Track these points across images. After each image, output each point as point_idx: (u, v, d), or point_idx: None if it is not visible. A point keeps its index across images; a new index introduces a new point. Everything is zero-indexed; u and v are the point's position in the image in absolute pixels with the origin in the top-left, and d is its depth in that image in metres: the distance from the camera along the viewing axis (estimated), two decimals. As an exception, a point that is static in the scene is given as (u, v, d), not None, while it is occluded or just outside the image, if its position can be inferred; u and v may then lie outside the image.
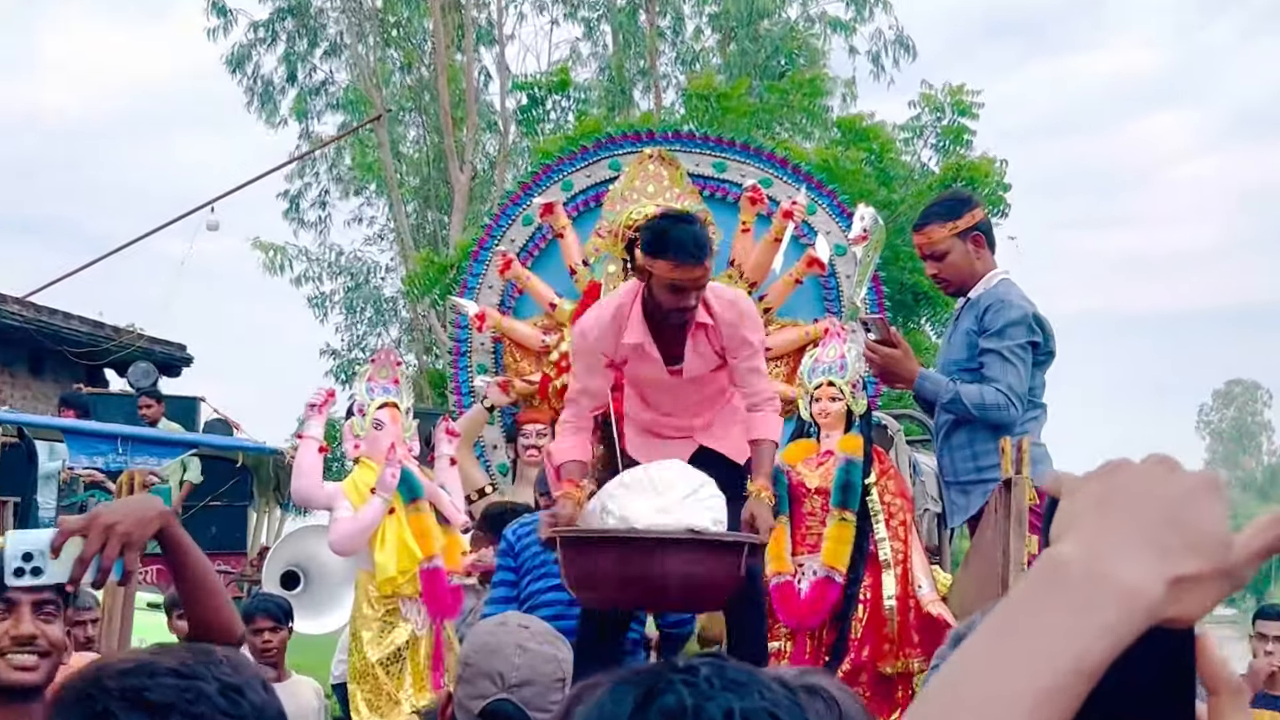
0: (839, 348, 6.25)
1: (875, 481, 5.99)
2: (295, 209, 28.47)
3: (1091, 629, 0.90)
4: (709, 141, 8.13)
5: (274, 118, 27.22)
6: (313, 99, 27.49)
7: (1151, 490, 0.97)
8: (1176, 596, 0.93)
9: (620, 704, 1.18)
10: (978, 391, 5.29)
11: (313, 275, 28.15)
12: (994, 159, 18.43)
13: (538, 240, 7.91)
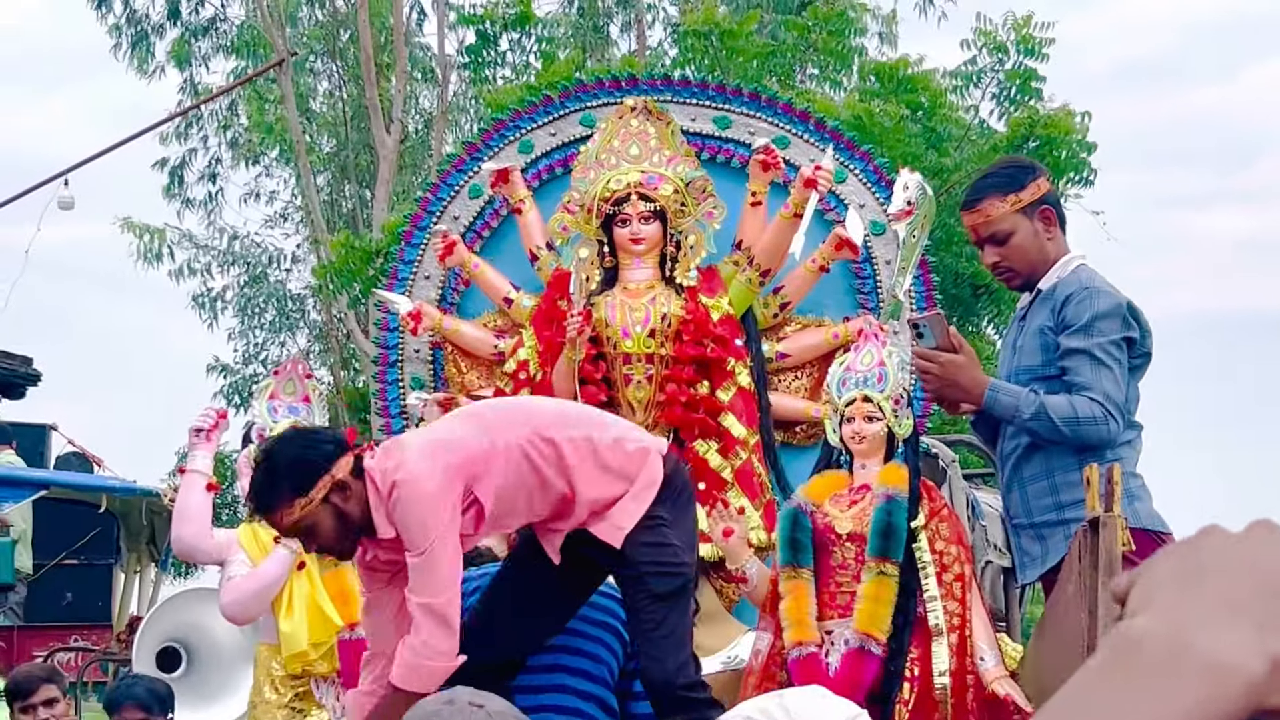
0: (877, 353, 6.27)
1: (924, 525, 6.01)
2: (176, 183, 28.45)
3: (1178, 710, 0.91)
4: (708, 90, 8.10)
5: (147, 64, 27.27)
6: (198, 41, 27.53)
7: (1250, 556, 0.98)
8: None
9: None
10: (1067, 403, 5.31)
11: (199, 266, 28.18)
12: (1074, 112, 18.47)
13: (488, 217, 7.91)
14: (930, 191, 7.13)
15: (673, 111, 7.58)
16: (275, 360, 25.14)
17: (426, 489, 4.91)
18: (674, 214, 7.10)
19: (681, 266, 7.12)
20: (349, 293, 20.15)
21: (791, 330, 7.54)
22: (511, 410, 5.49)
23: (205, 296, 28.31)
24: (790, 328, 7.55)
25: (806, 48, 20.15)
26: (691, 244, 7.15)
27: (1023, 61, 18.87)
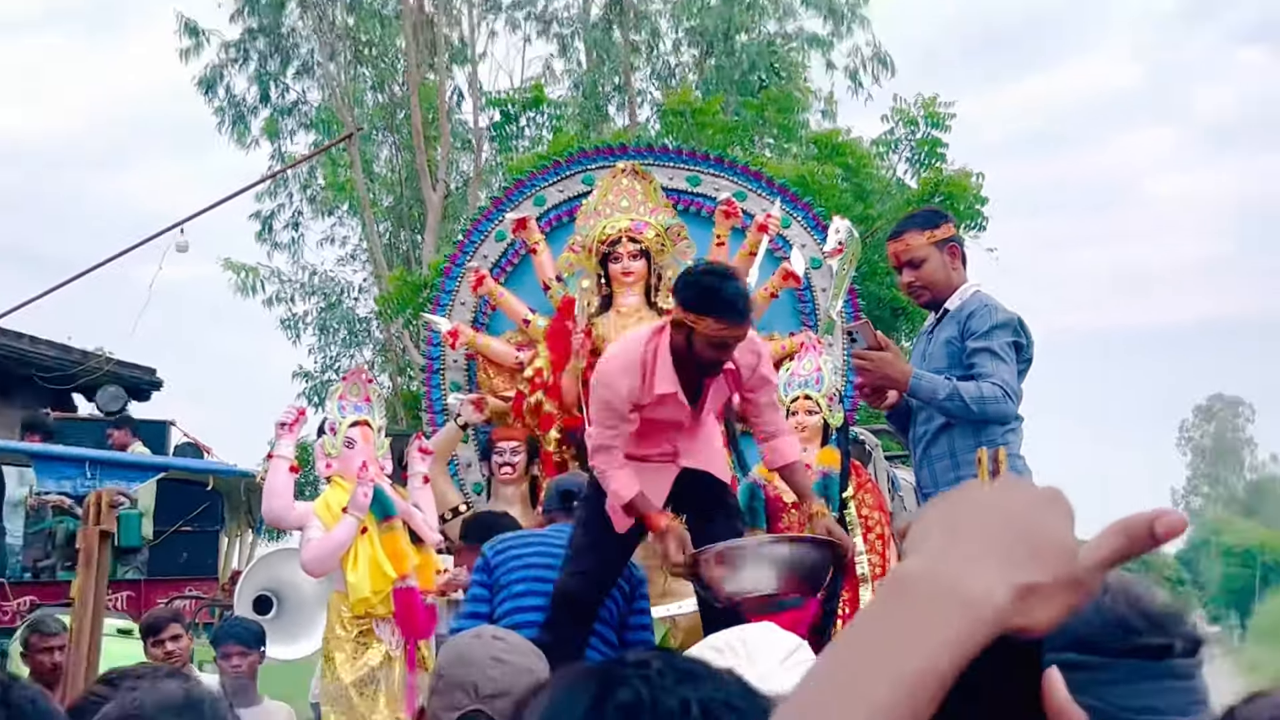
0: (815, 360, 6.28)
1: (853, 495, 6.01)
2: (267, 230, 28.42)
3: (936, 640, 0.90)
4: (683, 155, 8.14)
5: (245, 138, 27.27)
6: (284, 119, 27.52)
7: (996, 505, 0.97)
8: (1023, 607, 0.92)
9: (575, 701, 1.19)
10: (975, 386, 5.31)
11: (285, 296, 28.13)
12: (971, 173, 18.49)
13: (511, 256, 7.90)
14: (857, 234, 7.12)
15: (655, 172, 7.57)
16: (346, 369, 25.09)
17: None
18: (656, 253, 7.09)
19: (662, 294, 7.09)
20: (403, 316, 20.17)
21: (748, 343, 7.52)
22: None
23: (290, 320, 28.26)
24: (747, 341, 7.52)
25: (761, 123, 20.18)
26: (670, 276, 7.12)
27: (930, 132, 18.89)
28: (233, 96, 27.06)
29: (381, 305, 21.23)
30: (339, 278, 28.75)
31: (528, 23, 27.09)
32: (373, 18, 26.85)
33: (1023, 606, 0.93)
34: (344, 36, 26.70)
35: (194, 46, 26.50)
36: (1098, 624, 1.43)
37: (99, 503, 4.46)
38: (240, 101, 27.14)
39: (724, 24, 24.06)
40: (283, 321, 28.19)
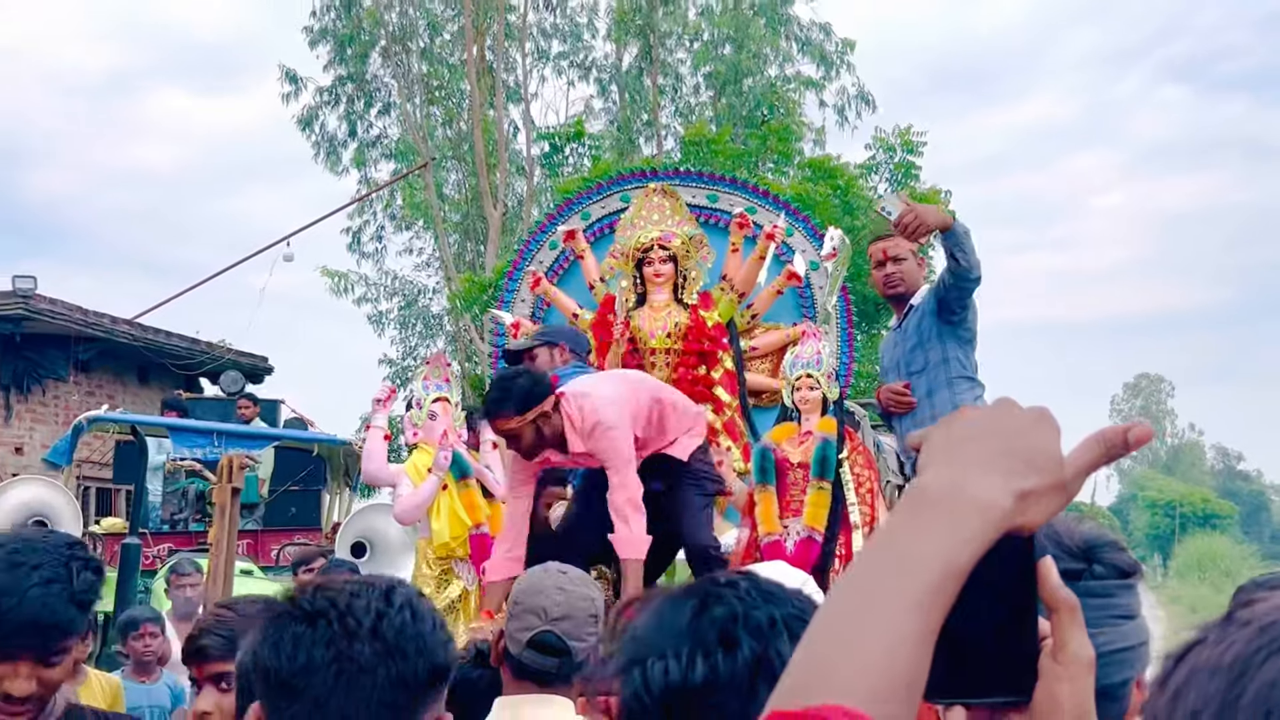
0: (815, 345, 6.26)
1: (847, 456, 5.99)
2: (356, 242, 28.52)
3: (955, 538, 0.91)
4: (703, 177, 8.12)
5: (337, 167, 27.34)
6: (369, 150, 27.58)
7: (995, 424, 0.98)
8: (1021, 508, 0.94)
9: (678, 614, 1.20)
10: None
11: (371, 297, 28.26)
12: (939, 190, 18.44)
13: (562, 261, 7.88)
14: (847, 241, 7.14)
15: (680, 191, 7.53)
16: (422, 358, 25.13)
17: (620, 431, 5.02)
18: (682, 258, 7.06)
19: (687, 292, 7.06)
20: (470, 313, 20.16)
21: (759, 333, 7.48)
22: (637, 381, 5.53)
23: (376, 317, 28.35)
24: (758, 331, 7.48)
25: (764, 150, 20.12)
26: (694, 277, 7.11)
27: (905, 157, 18.83)
28: (326, 132, 27.14)
29: (452, 304, 21.25)
30: (416, 281, 28.88)
31: (571, 69, 27.08)
32: (442, 65, 26.87)
33: (1021, 508, 0.94)
34: (418, 81, 26.70)
35: (294, 91, 26.61)
36: None
37: (230, 464, 4.48)
38: (333, 136, 27.21)
39: (734, 70, 24.01)
40: (369, 318, 28.33)
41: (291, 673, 1.51)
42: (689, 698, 1.17)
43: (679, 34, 25.76)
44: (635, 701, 1.19)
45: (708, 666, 1.17)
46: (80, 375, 17.53)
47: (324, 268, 27.47)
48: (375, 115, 27.43)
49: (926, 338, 5.58)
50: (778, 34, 24.93)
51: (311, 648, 1.52)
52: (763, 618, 1.20)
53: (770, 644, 1.18)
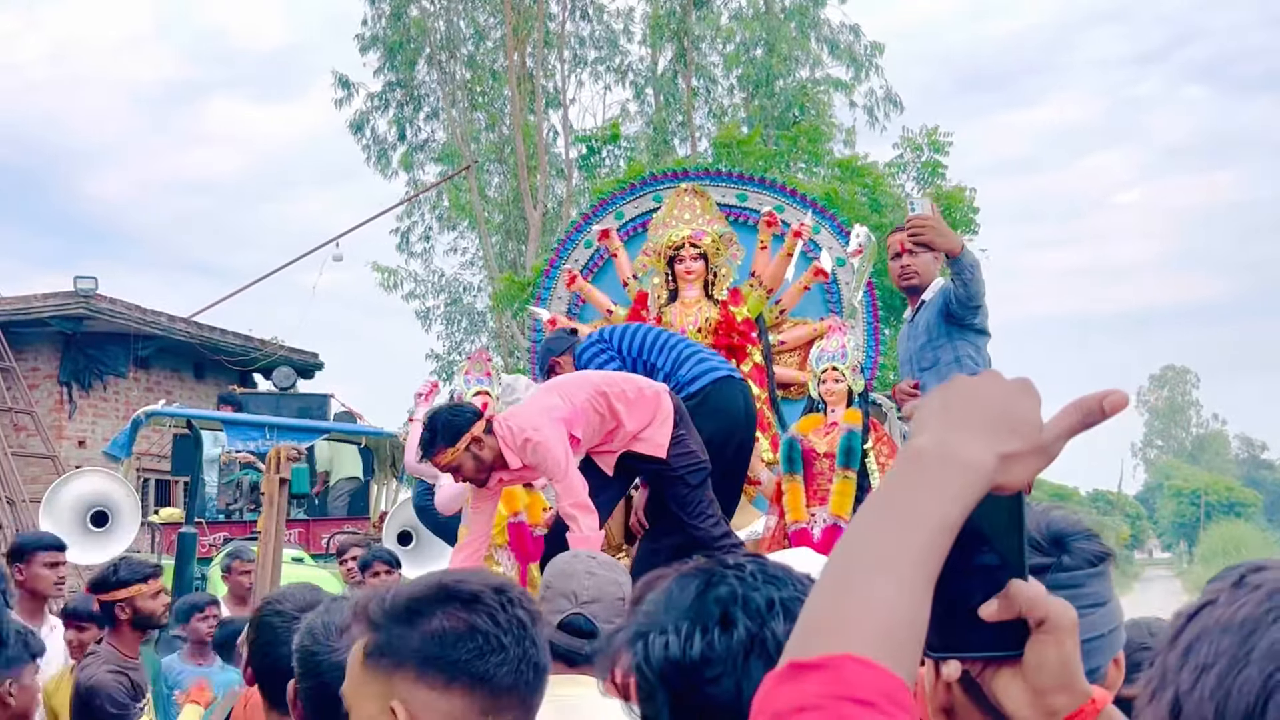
0: (840, 339, 6.25)
1: (871, 446, 6.00)
2: (405, 242, 28.65)
3: (947, 495, 0.94)
4: (733, 177, 8.12)
5: (387, 170, 27.50)
6: (417, 154, 27.72)
7: (982, 393, 1.01)
8: (1005, 469, 0.97)
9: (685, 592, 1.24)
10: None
11: (419, 294, 28.38)
12: (965, 188, 18.36)
13: (596, 259, 7.90)
14: (874, 238, 7.13)
15: (710, 191, 7.54)
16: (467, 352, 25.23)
17: (551, 440, 4.95)
18: (712, 255, 7.06)
19: (717, 288, 7.06)
20: (511, 309, 20.23)
21: (787, 327, 7.47)
22: (576, 381, 5.39)
23: (423, 313, 28.49)
24: (786, 325, 7.47)
25: (795, 150, 20.08)
26: (724, 274, 7.11)
27: (932, 156, 18.77)
28: (376, 136, 27.30)
29: (495, 301, 21.35)
30: (461, 279, 28.98)
31: (608, 74, 27.09)
32: (485, 71, 26.97)
33: (1004, 468, 0.98)
34: (462, 88, 26.84)
35: (346, 97, 26.78)
36: None
37: (278, 456, 4.53)
38: (383, 140, 27.37)
39: (766, 72, 23.95)
40: (417, 314, 28.46)
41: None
42: (685, 671, 1.20)
43: (712, 37, 25.72)
44: (639, 673, 1.22)
45: (704, 643, 1.20)
46: (139, 371, 17.73)
47: (375, 263, 27.69)
48: (423, 120, 27.56)
49: (936, 335, 5.55)
50: (808, 37, 24.85)
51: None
52: (761, 599, 1.22)
53: (766, 624, 1.20)
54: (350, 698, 1.63)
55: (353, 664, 1.63)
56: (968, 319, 5.44)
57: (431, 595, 1.60)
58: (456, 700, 1.54)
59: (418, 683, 1.55)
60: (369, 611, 1.62)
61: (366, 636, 1.61)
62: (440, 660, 1.55)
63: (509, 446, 4.97)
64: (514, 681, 1.57)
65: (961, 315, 5.38)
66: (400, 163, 27.52)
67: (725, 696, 1.18)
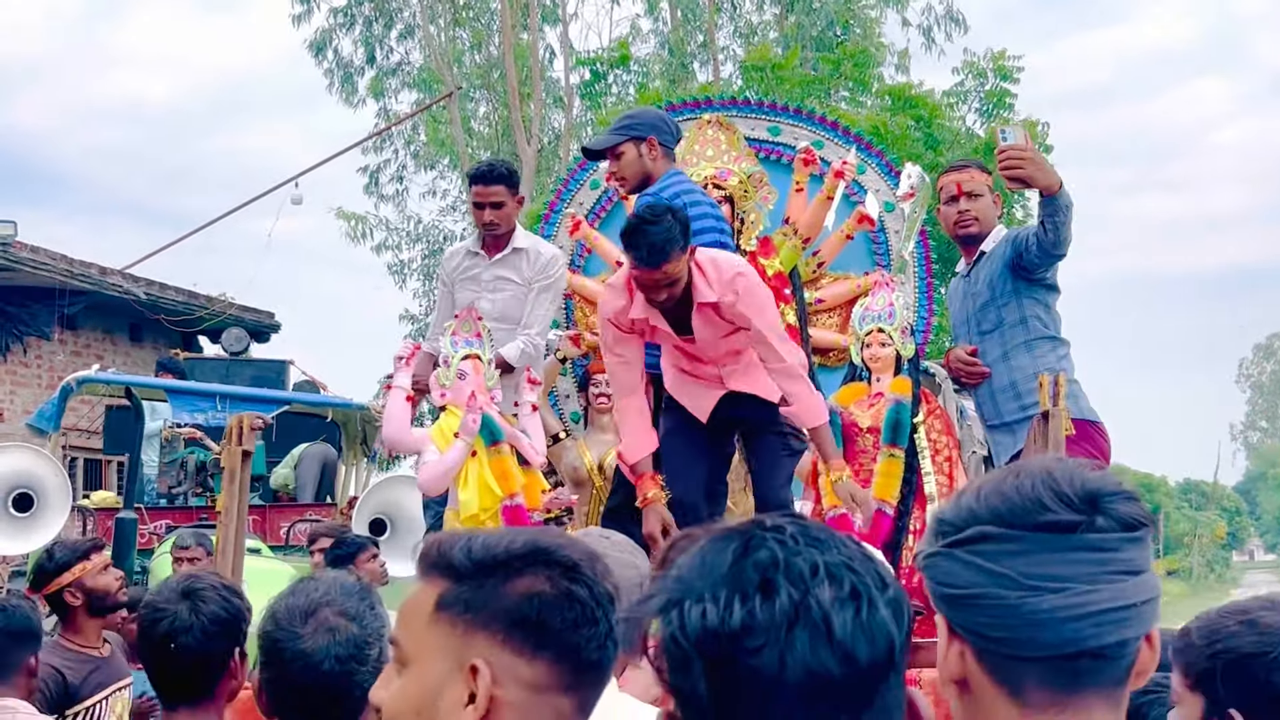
0: (888, 296, 6.34)
1: (922, 420, 6.09)
2: (374, 183, 28.76)
3: None
4: (764, 107, 8.17)
5: (353, 98, 27.60)
6: (389, 79, 27.79)
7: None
8: None
9: (720, 556, 1.34)
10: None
11: (392, 244, 28.46)
12: (1036, 121, 18.38)
13: (604, 202, 7.94)
14: (928, 179, 7.20)
15: (737, 123, 7.58)
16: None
17: (766, 292, 5.38)
18: (739, 198, 7.09)
19: (745, 237, 7.05)
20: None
21: (825, 283, 7.56)
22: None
23: (397, 266, 28.57)
24: (825, 281, 7.56)
25: (837, 76, 20.08)
26: (752, 220, 7.14)
27: (999, 84, 18.77)
28: (341, 59, 27.39)
29: (481, 252, 21.35)
30: (441, 226, 29.05)
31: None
32: (470, -20, 26.99)
33: None
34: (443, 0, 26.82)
35: (304, 12, 26.80)
36: (1016, 502, 1.53)
37: (240, 425, 4.64)
38: (348, 63, 27.43)
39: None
40: (390, 268, 28.52)
41: None
42: (725, 642, 1.30)
43: (739, -60, 25.74)
44: (672, 643, 1.32)
45: (745, 611, 1.30)
46: (66, 332, 17.85)
47: (340, 209, 27.74)
48: (395, 39, 27.63)
49: (1000, 293, 5.65)
50: (853, -60, 24.85)
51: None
52: (804, 564, 1.32)
53: (810, 591, 1.30)
54: (410, 650, 1.69)
55: (415, 613, 1.69)
56: (1041, 272, 5.54)
57: (529, 552, 1.69)
58: (541, 670, 1.64)
59: (504, 645, 1.63)
60: (451, 556, 1.69)
61: (443, 585, 1.68)
62: (535, 624, 1.64)
63: (707, 277, 5.12)
64: (599, 658, 1.69)
65: (1039, 265, 5.48)
66: (369, 90, 27.59)
67: (767, 668, 1.27)
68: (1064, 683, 1.53)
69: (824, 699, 1.28)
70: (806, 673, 1.27)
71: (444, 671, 1.64)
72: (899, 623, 1.33)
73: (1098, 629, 1.50)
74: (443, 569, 1.68)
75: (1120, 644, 1.53)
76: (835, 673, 1.28)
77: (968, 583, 1.54)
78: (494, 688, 1.61)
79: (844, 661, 1.28)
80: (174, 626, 3.06)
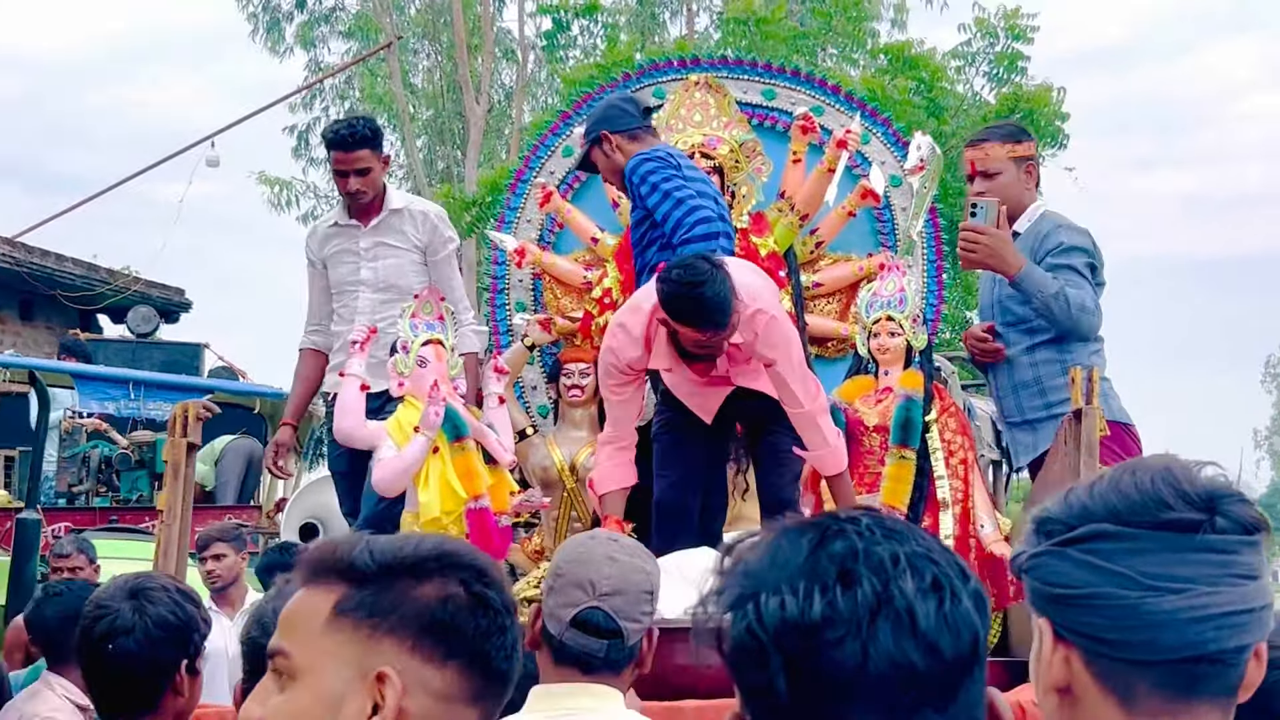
0: (898, 281, 6.44)
1: (936, 419, 6.21)
2: (303, 145, 28.69)
3: None
4: (757, 68, 8.19)
5: (279, 46, 27.50)
6: (320, 26, 27.72)
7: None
8: None
9: (795, 548, 1.46)
10: (1077, 293, 5.58)
11: (320, 213, 28.35)
12: (1052, 88, 18.52)
13: (578, 172, 7.81)
14: (939, 151, 7.29)
15: (728, 86, 7.63)
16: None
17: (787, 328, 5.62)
18: (730, 169, 7.14)
19: (735, 212, 7.11)
20: (449, 235, 20.22)
21: (825, 264, 7.60)
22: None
23: (326, 238, 28.51)
24: (824, 262, 7.61)
25: (828, 31, 20.15)
26: (744, 193, 7.21)
27: (1011, 45, 18.89)
28: (267, 1, 27.26)
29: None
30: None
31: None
32: (413, -85, 26.97)
33: None
34: (382, -64, 26.82)
35: (224, -52, 26.71)
36: (1135, 499, 1.64)
37: (184, 414, 4.72)
38: (275, 7, 27.35)
39: (787, -74, 24.03)
40: (317, 239, 28.44)
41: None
42: (806, 634, 1.40)
43: None
44: (749, 637, 1.44)
45: (825, 602, 1.40)
46: (-55, 309, 17.78)
47: (261, 174, 27.64)
48: (328, -20, 27.59)
49: None
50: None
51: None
52: (885, 554, 1.44)
53: (892, 581, 1.42)
54: (301, 660, 1.73)
55: (307, 620, 1.73)
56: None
57: (438, 555, 1.77)
58: (450, 678, 1.72)
59: (413, 652, 1.70)
60: (351, 559, 1.74)
61: (341, 589, 1.73)
62: (446, 629, 1.71)
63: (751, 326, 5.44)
64: (506, 668, 1.78)
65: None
66: (297, 38, 27.55)
67: (850, 661, 1.38)
68: (1179, 689, 1.63)
69: (908, 693, 1.38)
70: (890, 665, 1.37)
71: (344, 681, 1.68)
72: (982, 616, 1.44)
73: (1219, 632, 1.61)
74: (341, 572, 1.73)
75: (1239, 650, 1.64)
76: (920, 665, 1.38)
77: (1082, 582, 1.64)
78: (402, 697, 1.66)
79: (928, 654, 1.38)
80: (114, 626, 3.13)
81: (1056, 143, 18.42)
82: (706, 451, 5.88)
